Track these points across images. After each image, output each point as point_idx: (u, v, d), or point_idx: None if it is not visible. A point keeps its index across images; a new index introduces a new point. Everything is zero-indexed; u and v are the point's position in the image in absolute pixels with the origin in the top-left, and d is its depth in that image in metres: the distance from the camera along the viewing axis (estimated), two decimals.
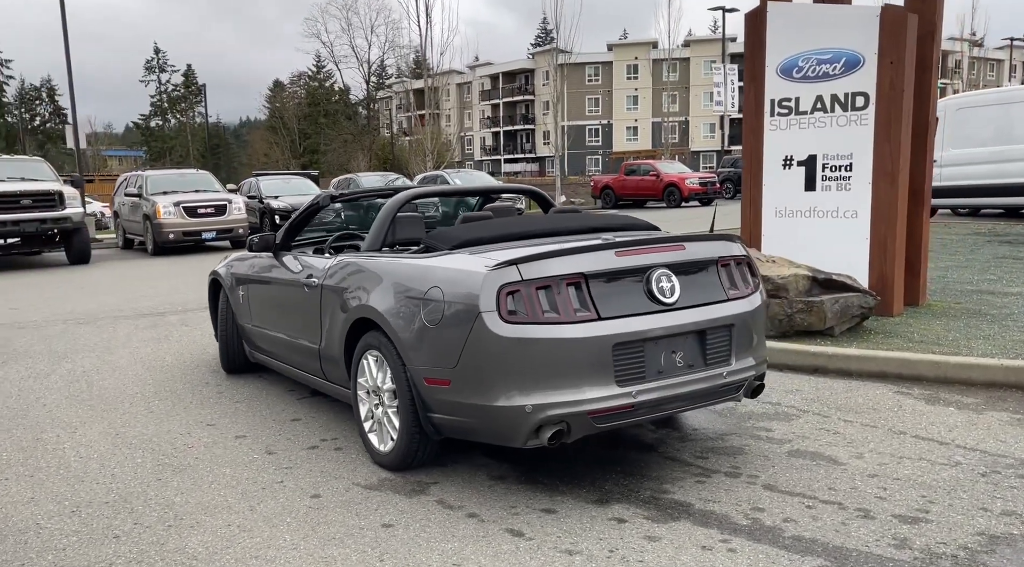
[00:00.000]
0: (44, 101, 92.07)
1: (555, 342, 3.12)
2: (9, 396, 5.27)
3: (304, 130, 79.55)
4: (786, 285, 5.83)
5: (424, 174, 25.03)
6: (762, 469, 3.67)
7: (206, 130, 68.51)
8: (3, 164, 15.66)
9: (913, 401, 4.66)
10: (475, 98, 77.08)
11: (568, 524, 3.10)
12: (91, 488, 3.57)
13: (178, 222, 15.77)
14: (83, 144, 20.33)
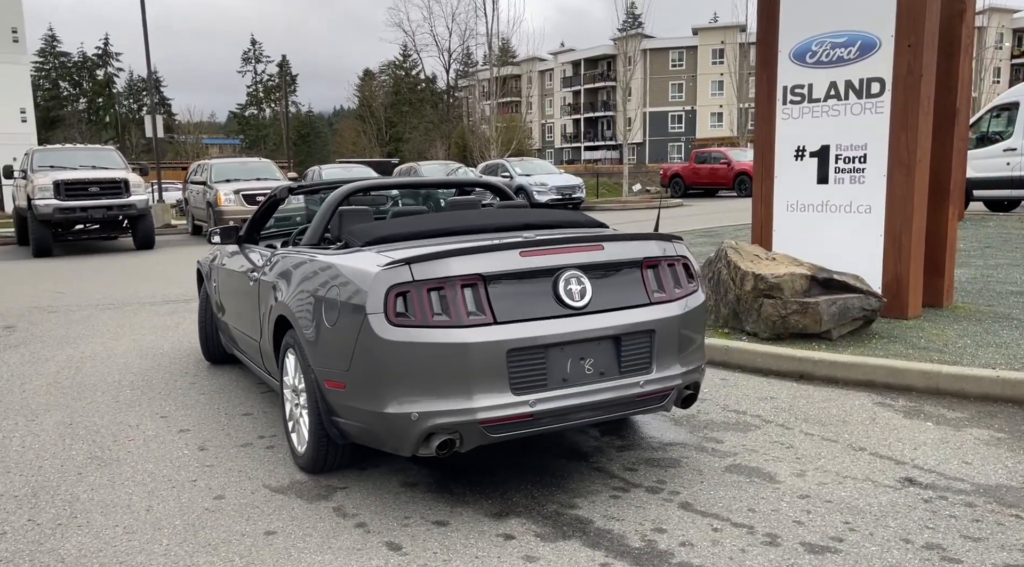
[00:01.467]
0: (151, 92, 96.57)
1: (443, 347, 2.98)
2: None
3: (390, 118, 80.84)
4: (780, 285, 5.50)
5: (486, 162, 25.00)
6: (688, 485, 3.45)
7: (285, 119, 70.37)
8: (77, 152, 16.46)
9: (891, 414, 4.32)
10: (556, 85, 76.60)
11: (453, 539, 2.98)
12: (12, 480, 3.65)
13: (237, 209, 16.20)
14: (160, 133, 21.14)
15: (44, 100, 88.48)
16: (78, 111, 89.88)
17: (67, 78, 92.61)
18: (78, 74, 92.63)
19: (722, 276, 5.97)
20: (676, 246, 3.65)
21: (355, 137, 79.63)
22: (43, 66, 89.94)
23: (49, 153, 16.11)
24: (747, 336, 5.66)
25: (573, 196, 21.86)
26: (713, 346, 5.46)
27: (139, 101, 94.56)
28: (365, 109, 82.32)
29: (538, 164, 23.56)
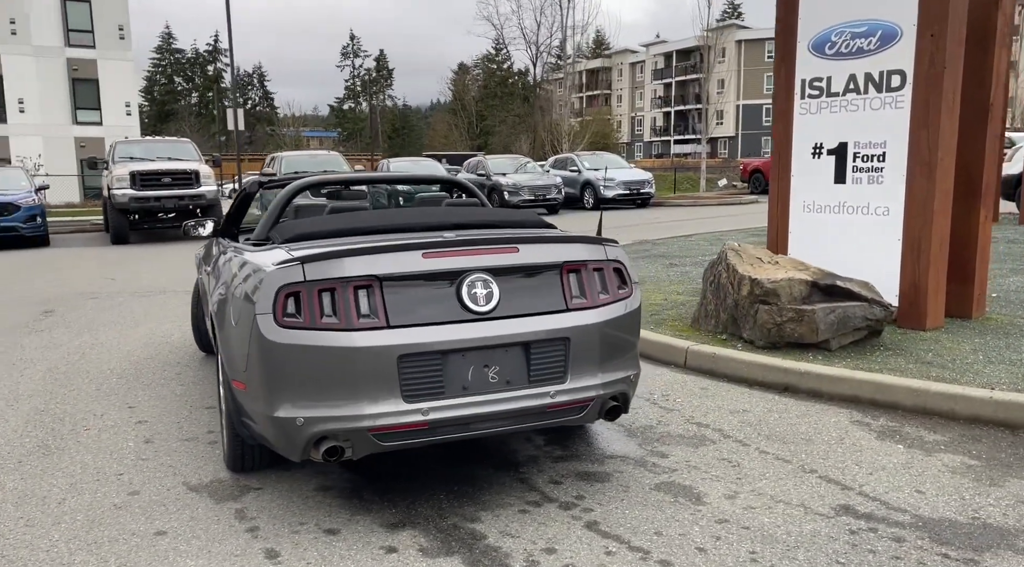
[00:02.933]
0: (255, 86, 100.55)
1: (330, 351, 2.91)
2: (5, 364, 5.76)
3: (481, 112, 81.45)
4: (776, 290, 5.20)
5: (555, 157, 24.82)
6: (607, 502, 3.28)
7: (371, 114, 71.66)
8: (155, 145, 17.23)
9: (864, 434, 4.01)
10: (647, 77, 75.40)
11: (334, 549, 2.91)
12: None
13: (311, 202, 16.59)
14: (241, 126, 21.92)
15: (160, 94, 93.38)
16: (191, 105, 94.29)
17: (181, 74, 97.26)
18: (191, 70, 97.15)
19: (721, 280, 5.70)
20: (609, 249, 3.48)
21: (446, 130, 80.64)
22: (160, 62, 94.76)
23: (129, 145, 16.92)
24: (743, 344, 5.38)
25: (641, 191, 21.42)
26: (701, 353, 5.22)
27: (244, 95, 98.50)
28: (457, 103, 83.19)
29: (608, 158, 23.16)
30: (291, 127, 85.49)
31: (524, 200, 19.90)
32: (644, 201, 21.82)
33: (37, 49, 34.01)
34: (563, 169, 22.58)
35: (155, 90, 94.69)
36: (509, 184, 20.01)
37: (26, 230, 15.38)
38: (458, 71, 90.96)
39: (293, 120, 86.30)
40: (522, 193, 19.88)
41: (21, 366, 5.75)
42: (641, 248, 11.24)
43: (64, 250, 14.94)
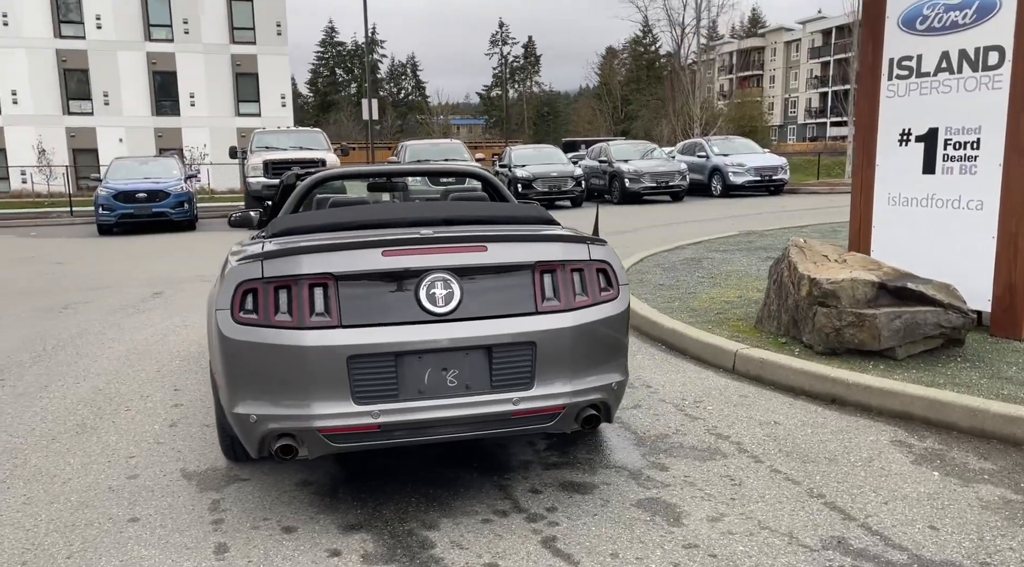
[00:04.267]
0: (408, 76, 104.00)
1: (280, 349, 2.91)
2: (96, 343, 6.21)
3: (626, 96, 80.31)
4: (836, 291, 4.76)
5: (683, 142, 24.00)
6: (576, 517, 3.12)
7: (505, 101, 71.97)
8: (289, 135, 18.14)
9: (900, 456, 3.60)
10: (803, 56, 71.51)
11: (281, 547, 2.91)
12: None
13: (424, 189, 16.98)
14: (375, 115, 22.70)
15: (323, 86, 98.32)
16: (350, 95, 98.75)
17: (341, 65, 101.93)
18: (350, 61, 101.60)
19: (783, 279, 5.30)
20: (594, 249, 3.28)
21: (591, 116, 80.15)
22: (323, 55, 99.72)
23: (266, 135, 17.91)
24: (802, 349, 4.98)
25: (773, 178, 20.35)
26: (749, 358, 4.87)
27: (398, 85, 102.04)
28: (603, 88, 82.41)
29: (740, 143, 22.12)
30: (441, 115, 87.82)
31: (645, 187, 19.40)
32: (777, 188, 20.73)
33: (206, 46, 36.63)
34: (691, 155, 21.83)
35: (318, 82, 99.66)
36: (630, 171, 19.55)
37: (174, 215, 16.64)
38: (605, 55, 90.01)
39: (442, 108, 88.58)
40: (643, 180, 19.37)
41: (108, 345, 6.20)
42: (744, 240, 10.68)
43: (205, 234, 16.03)
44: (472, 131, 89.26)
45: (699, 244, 10.34)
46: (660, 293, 7.00)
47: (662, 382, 4.83)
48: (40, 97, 35.41)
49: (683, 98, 36.02)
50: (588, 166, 21.78)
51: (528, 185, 18.77)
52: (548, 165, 19.49)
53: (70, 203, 22.99)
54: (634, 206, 19.21)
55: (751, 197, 20.46)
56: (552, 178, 18.95)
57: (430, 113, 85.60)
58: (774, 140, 65.64)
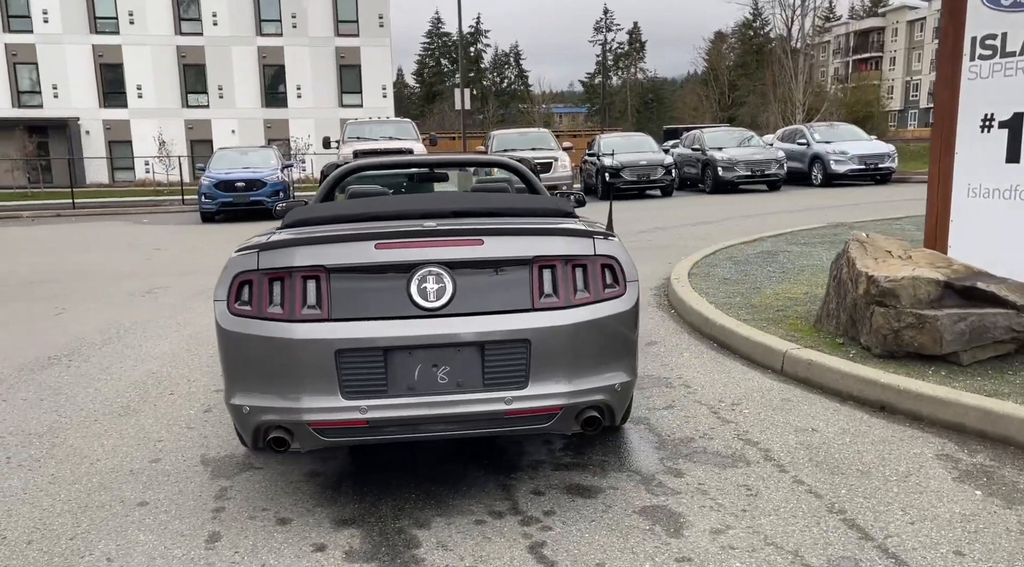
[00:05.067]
0: (511, 65, 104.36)
1: (271, 341, 2.92)
2: (166, 326, 6.48)
3: (733, 82, 77.98)
4: (895, 290, 4.42)
5: (783, 129, 23.00)
6: (572, 523, 3.01)
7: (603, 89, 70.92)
8: (380, 125, 18.49)
9: (942, 472, 3.31)
10: (927, 36, 67.45)
11: (270, 540, 2.91)
12: (50, 419, 4.33)
13: None
14: (467, 105, 22.84)
15: (428, 76, 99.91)
16: (454, 85, 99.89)
17: (447, 55, 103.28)
18: (455, 51, 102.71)
19: (843, 276, 4.97)
20: (599, 244, 3.14)
21: (696, 102, 78.31)
22: (429, 46, 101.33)
23: (358, 126, 18.30)
24: (859, 351, 4.66)
25: (879, 166, 19.25)
26: (798, 359, 4.59)
27: (501, 74, 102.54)
28: (710, 73, 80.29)
29: (844, 130, 21.02)
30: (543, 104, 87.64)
31: (740, 176, 18.74)
32: (883, 177, 19.61)
33: (312, 40, 37.82)
34: (791, 142, 20.93)
35: (424, 72, 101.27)
36: (723, 159, 18.93)
37: (271, 203, 17.25)
38: (714, 40, 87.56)
39: (544, 97, 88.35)
40: (737, 168, 18.72)
41: (175, 329, 6.46)
42: (829, 232, 10.14)
43: None
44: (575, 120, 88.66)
45: (780, 236, 9.90)
46: (723, 288, 6.72)
47: (703, 382, 4.62)
48: (162, 91, 37.45)
49: (785, 83, 34.58)
50: (681, 154, 21.25)
51: (615, 174, 18.46)
52: (637, 153, 19.08)
53: (182, 192, 24.21)
54: (726, 196, 18.62)
55: (854, 187, 19.46)
56: (640, 167, 18.55)
57: (531, 102, 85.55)
58: (892, 126, 62.27)
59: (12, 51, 36.63)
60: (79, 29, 36.70)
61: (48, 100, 37.03)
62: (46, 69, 36.79)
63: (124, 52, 37.02)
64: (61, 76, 36.89)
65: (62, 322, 6.91)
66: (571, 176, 17.51)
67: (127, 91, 37.29)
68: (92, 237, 15.40)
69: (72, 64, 36.89)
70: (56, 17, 36.47)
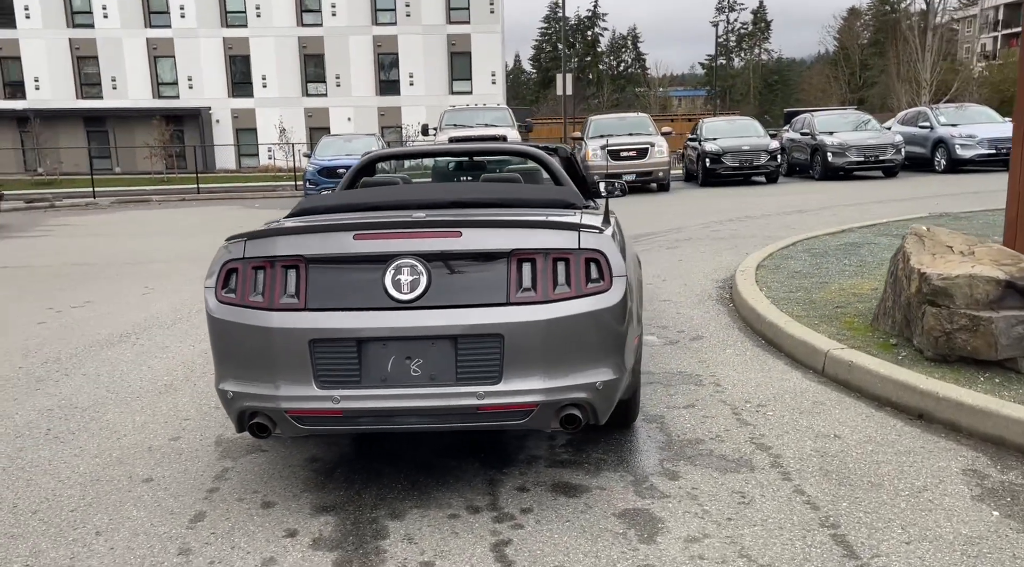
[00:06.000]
0: (628, 48, 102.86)
1: (250, 329, 2.98)
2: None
3: (865, 61, 73.98)
4: (948, 289, 4.08)
5: (904, 111, 21.54)
6: (546, 523, 2.94)
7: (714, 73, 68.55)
8: (477, 112, 18.64)
9: (963, 489, 3.04)
10: None
11: (248, 523, 2.97)
12: (96, 395, 4.63)
13: (603, 165, 16.77)
14: (568, 91, 22.67)
15: (545, 61, 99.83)
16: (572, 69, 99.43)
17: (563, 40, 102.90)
18: (573, 36, 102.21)
19: (898, 272, 4.63)
20: (585, 237, 3.04)
21: (824, 83, 74.84)
22: (546, 31, 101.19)
23: (455, 113, 18.53)
24: (911, 352, 4.33)
25: None
26: (839, 360, 4.32)
27: (618, 58, 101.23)
28: (840, 53, 76.45)
29: (975, 111, 19.45)
30: (660, 88, 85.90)
31: (851, 162, 17.70)
32: None
33: (425, 28, 38.51)
34: (912, 125, 19.62)
35: (541, 57, 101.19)
36: (833, 144, 17.94)
37: None
38: (847, 17, 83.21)
39: (662, 80, 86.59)
40: (849, 154, 17.69)
41: None
42: (928, 223, 9.44)
43: None
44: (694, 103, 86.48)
45: (873, 227, 9.32)
46: (788, 282, 6.40)
47: (736, 381, 4.42)
48: (284, 81, 39.12)
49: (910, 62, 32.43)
50: (790, 139, 20.35)
51: (716, 160, 17.88)
52: (740, 138, 18.38)
53: (293, 177, 25.25)
54: (835, 183, 17.69)
55: (982, 173, 18.05)
56: (743, 152, 17.85)
57: (648, 86, 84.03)
58: None
59: (153, 45, 39.15)
60: (212, 23, 38.79)
61: (183, 91, 39.39)
62: (182, 61, 39.13)
63: (251, 44, 38.87)
64: (195, 68, 39.13)
65: (145, 302, 7.35)
66: (668, 162, 17.12)
67: (253, 81, 39.15)
68: (203, 220, 16.29)
69: (205, 56, 39.06)
70: (192, 12, 38.68)
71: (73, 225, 16.40)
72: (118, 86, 39.22)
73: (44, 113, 36.88)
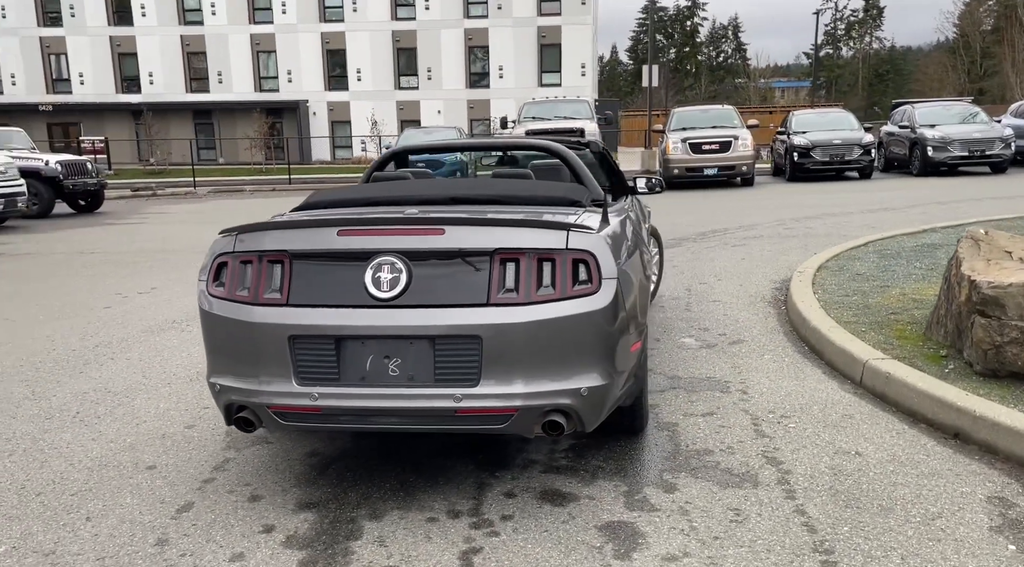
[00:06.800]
0: (729, 39, 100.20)
1: (234, 323, 2.98)
2: None
3: (987, 49, 69.70)
4: (1000, 299, 3.75)
5: (1017, 103, 20.08)
6: (522, 531, 2.84)
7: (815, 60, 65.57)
8: (556, 105, 18.47)
9: (981, 519, 2.78)
10: None
11: (230, 516, 3.00)
12: (129, 379, 4.79)
13: (683, 158, 16.39)
14: (655, 82, 22.19)
15: (642, 52, 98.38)
16: (668, 61, 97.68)
17: (662, 31, 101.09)
18: (671, 26, 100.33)
19: (951, 279, 4.29)
20: (574, 237, 2.91)
21: (941, 73, 71.03)
22: (644, 22, 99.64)
23: (534, 106, 18.44)
24: (960, 365, 4.02)
25: None
26: (877, 371, 4.04)
27: (717, 48, 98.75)
28: (959, 40, 72.29)
29: None
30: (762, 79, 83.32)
31: (954, 157, 16.67)
32: None
33: (516, 20, 38.52)
34: (1022, 118, 18.35)
35: (638, 48, 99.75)
36: (934, 138, 16.93)
37: None
38: (969, 2, 78.54)
39: (763, 71, 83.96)
40: (951, 148, 16.66)
41: None
42: (1020, 224, 8.78)
43: None
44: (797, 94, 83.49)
45: (957, 228, 8.74)
46: (847, 284, 6.05)
47: (765, 389, 4.20)
48: (378, 74, 39.91)
49: None
50: (888, 132, 19.37)
51: (805, 154, 17.14)
52: (832, 131, 17.57)
53: None
54: (935, 179, 16.73)
55: None
56: (833, 146, 17.04)
57: (748, 77, 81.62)
58: None
59: (256, 41, 40.60)
60: (311, 18, 39.92)
61: (283, 84, 40.72)
62: (282, 56, 40.44)
63: (347, 38, 39.80)
64: (294, 62, 40.37)
65: None
66: (752, 156, 16.53)
67: (348, 75, 40.10)
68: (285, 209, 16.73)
69: (304, 51, 40.24)
70: (292, 8, 39.90)
71: (167, 213, 17.18)
72: (223, 80, 40.87)
73: (156, 106, 38.89)
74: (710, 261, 8.07)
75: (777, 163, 19.58)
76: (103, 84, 41.29)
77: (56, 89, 41.55)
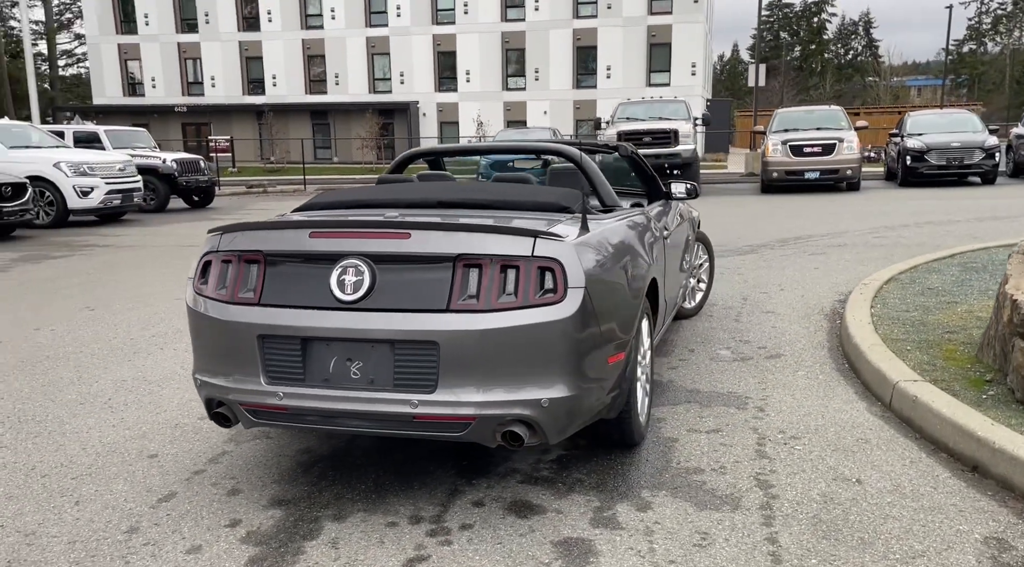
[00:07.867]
0: (859, 35, 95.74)
1: (211, 321, 3.06)
2: None
3: None
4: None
5: None
6: (478, 542, 2.80)
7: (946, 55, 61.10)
8: (650, 105, 18.14)
9: (970, 560, 2.54)
10: None
11: (207, 508, 3.06)
12: (142, 370, 5.01)
13: (782, 160, 15.76)
14: (762, 82, 21.42)
15: (764, 50, 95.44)
16: (792, 59, 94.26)
17: (787, 28, 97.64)
18: (796, 23, 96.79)
19: (998, 298, 3.93)
20: (541, 244, 2.83)
21: None
22: (768, 19, 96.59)
23: (629, 106, 18.13)
24: (1001, 391, 3.68)
25: None
26: (905, 394, 3.75)
27: (847, 46, 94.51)
28: None
29: None
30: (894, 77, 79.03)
31: None
32: None
33: (625, 20, 38.10)
34: None
35: (763, 47, 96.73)
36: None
37: None
38: None
39: (895, 69, 79.65)
40: None
41: None
42: None
43: None
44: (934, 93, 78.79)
45: None
46: (912, 299, 5.65)
47: (784, 408, 3.97)
48: (486, 75, 40.36)
49: None
50: (1017, 135, 17.98)
51: (919, 157, 16.13)
52: (951, 134, 16.44)
53: (477, 169, 25.97)
54: None
55: None
56: (951, 149, 15.95)
57: (879, 75, 77.58)
58: None
59: (371, 44, 41.88)
60: (423, 21, 40.81)
61: (396, 86, 41.82)
62: (396, 58, 41.53)
63: (458, 40, 40.45)
64: (407, 64, 41.39)
65: None
66: (859, 159, 15.70)
67: (458, 76, 40.75)
68: None
69: (416, 53, 41.18)
70: (406, 11, 40.91)
71: (269, 209, 17.95)
72: (340, 82, 42.36)
73: (278, 107, 40.75)
74: (780, 270, 7.72)
75: (890, 167, 18.54)
76: (232, 86, 43.58)
77: (191, 91, 44.17)
